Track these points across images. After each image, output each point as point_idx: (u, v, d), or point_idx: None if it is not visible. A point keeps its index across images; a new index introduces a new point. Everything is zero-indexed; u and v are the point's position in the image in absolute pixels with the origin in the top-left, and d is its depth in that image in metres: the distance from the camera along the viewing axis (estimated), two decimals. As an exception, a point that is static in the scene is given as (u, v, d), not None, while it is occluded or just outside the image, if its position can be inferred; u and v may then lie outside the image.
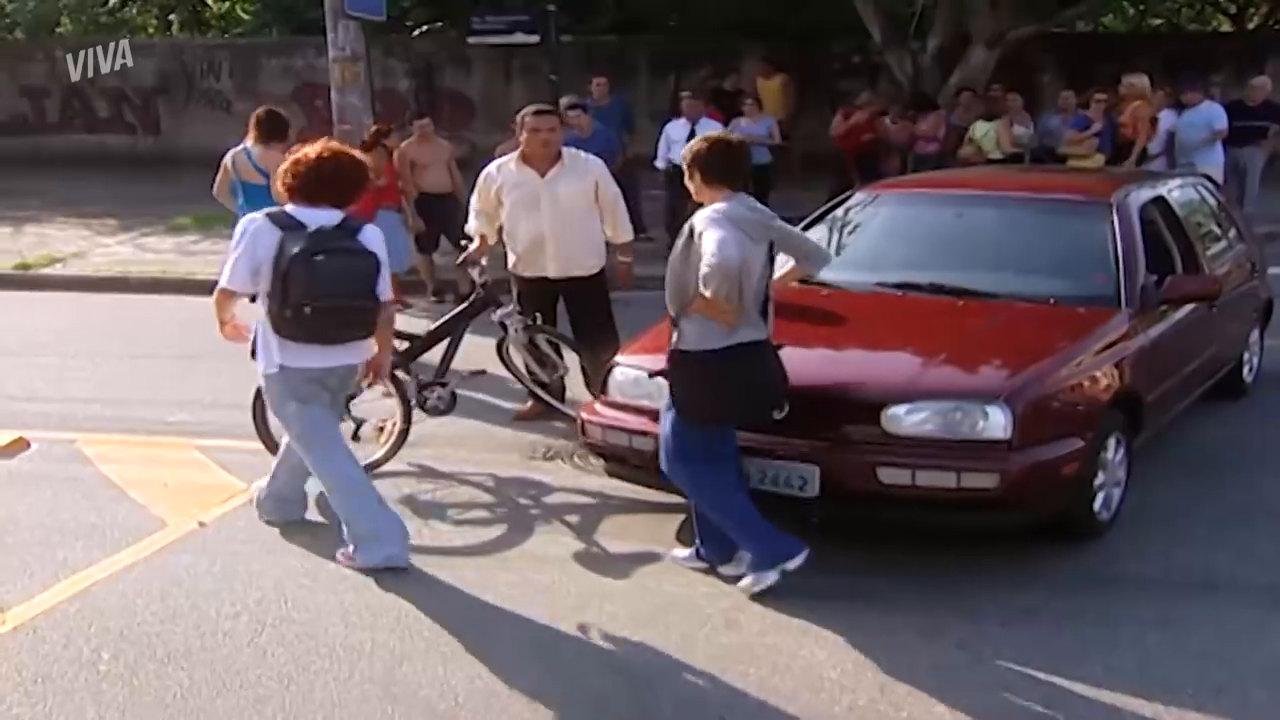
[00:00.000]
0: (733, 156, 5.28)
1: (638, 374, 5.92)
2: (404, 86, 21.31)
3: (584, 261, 7.44)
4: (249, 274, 5.29)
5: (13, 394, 8.27)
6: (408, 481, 6.58)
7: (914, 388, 5.42)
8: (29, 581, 5.37)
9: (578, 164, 7.38)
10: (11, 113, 21.85)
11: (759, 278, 5.11)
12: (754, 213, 5.18)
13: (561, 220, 7.29)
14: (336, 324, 5.33)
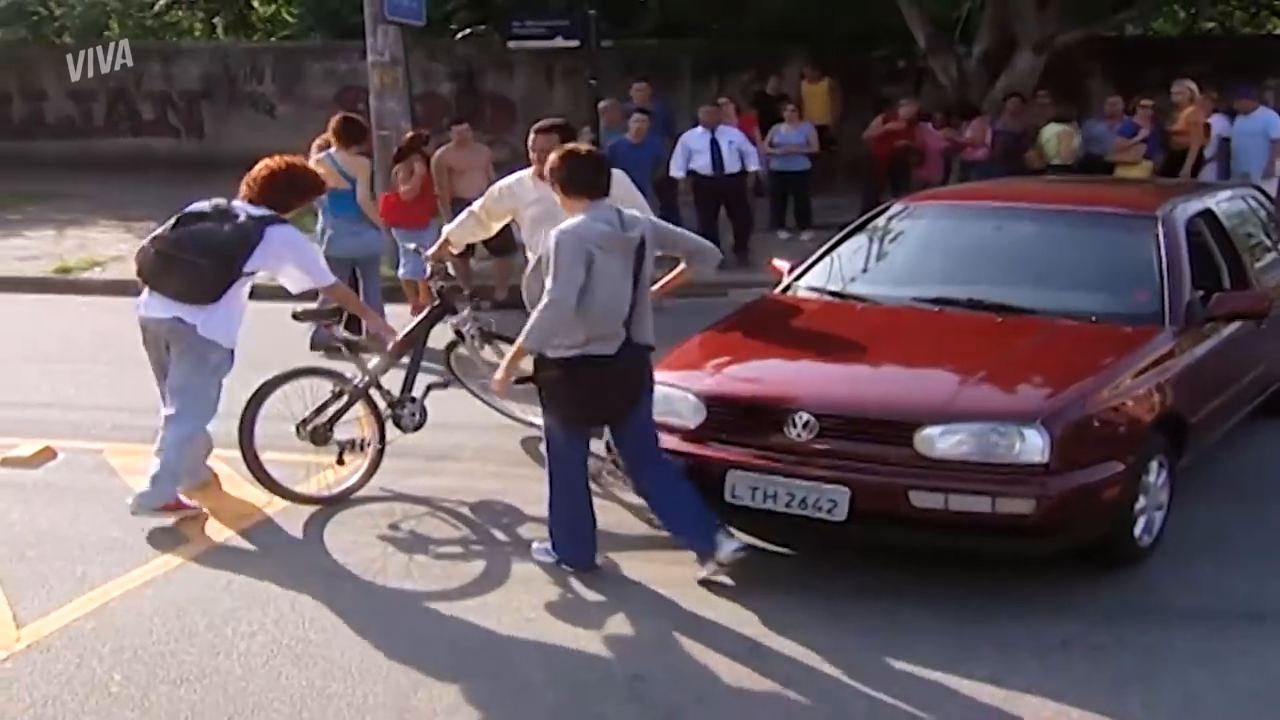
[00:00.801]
0: (587, 168, 5.44)
1: (668, 391, 5.79)
2: (445, 90, 21.27)
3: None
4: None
5: (45, 401, 8.25)
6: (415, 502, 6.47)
7: (948, 408, 5.26)
8: (47, 597, 5.31)
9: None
10: (59, 115, 21.98)
11: (614, 291, 5.26)
12: (611, 225, 5.30)
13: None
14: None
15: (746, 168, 13.28)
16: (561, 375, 5.35)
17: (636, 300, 5.36)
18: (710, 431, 5.60)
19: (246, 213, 6.15)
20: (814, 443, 5.33)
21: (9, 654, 4.83)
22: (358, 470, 6.46)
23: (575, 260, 5.18)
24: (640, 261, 5.38)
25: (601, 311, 5.26)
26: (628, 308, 5.32)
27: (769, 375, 5.86)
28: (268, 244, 6.09)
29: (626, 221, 5.38)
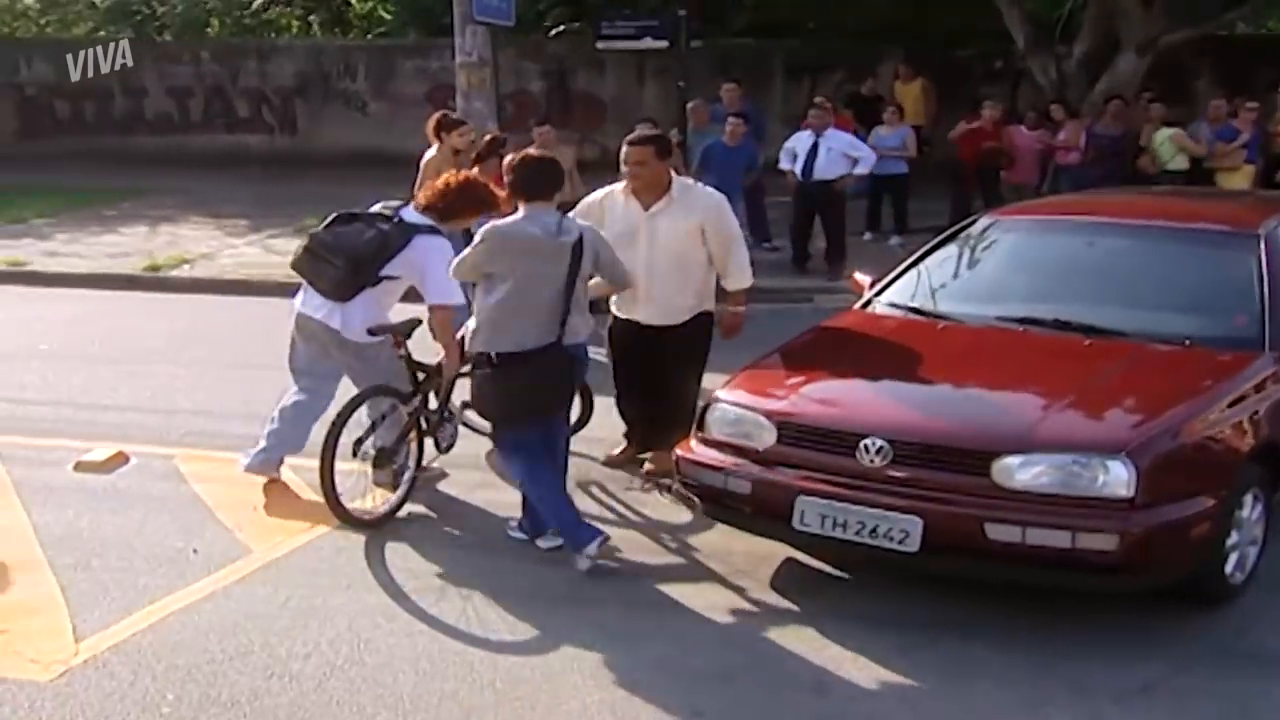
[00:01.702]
0: (536, 173, 5.76)
1: (739, 412, 5.63)
2: (536, 88, 21.24)
3: (680, 308, 6.63)
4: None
5: (121, 404, 8.28)
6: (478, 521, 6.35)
7: (1028, 438, 5.03)
8: (107, 609, 5.28)
9: (689, 198, 6.58)
10: (158, 112, 22.31)
11: (542, 292, 5.57)
12: (543, 230, 5.59)
13: (658, 260, 6.50)
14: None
15: (853, 172, 12.89)
16: (490, 373, 5.66)
17: (571, 301, 5.63)
18: (780, 455, 5.42)
19: (402, 219, 6.35)
20: (887, 470, 5.14)
21: (66, 668, 4.79)
22: (402, 492, 6.33)
23: (482, 256, 5.65)
24: (576, 264, 5.64)
25: (530, 311, 5.57)
26: (560, 309, 5.60)
27: (842, 398, 5.66)
28: (411, 251, 6.23)
29: (564, 226, 5.67)
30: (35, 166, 20.20)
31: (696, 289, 6.65)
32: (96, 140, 21.88)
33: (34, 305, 11.87)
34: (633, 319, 6.73)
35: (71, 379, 8.93)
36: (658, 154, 6.47)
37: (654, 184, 6.50)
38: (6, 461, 7.04)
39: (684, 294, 6.63)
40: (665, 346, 6.68)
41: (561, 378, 5.75)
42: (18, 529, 6.12)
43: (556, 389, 5.78)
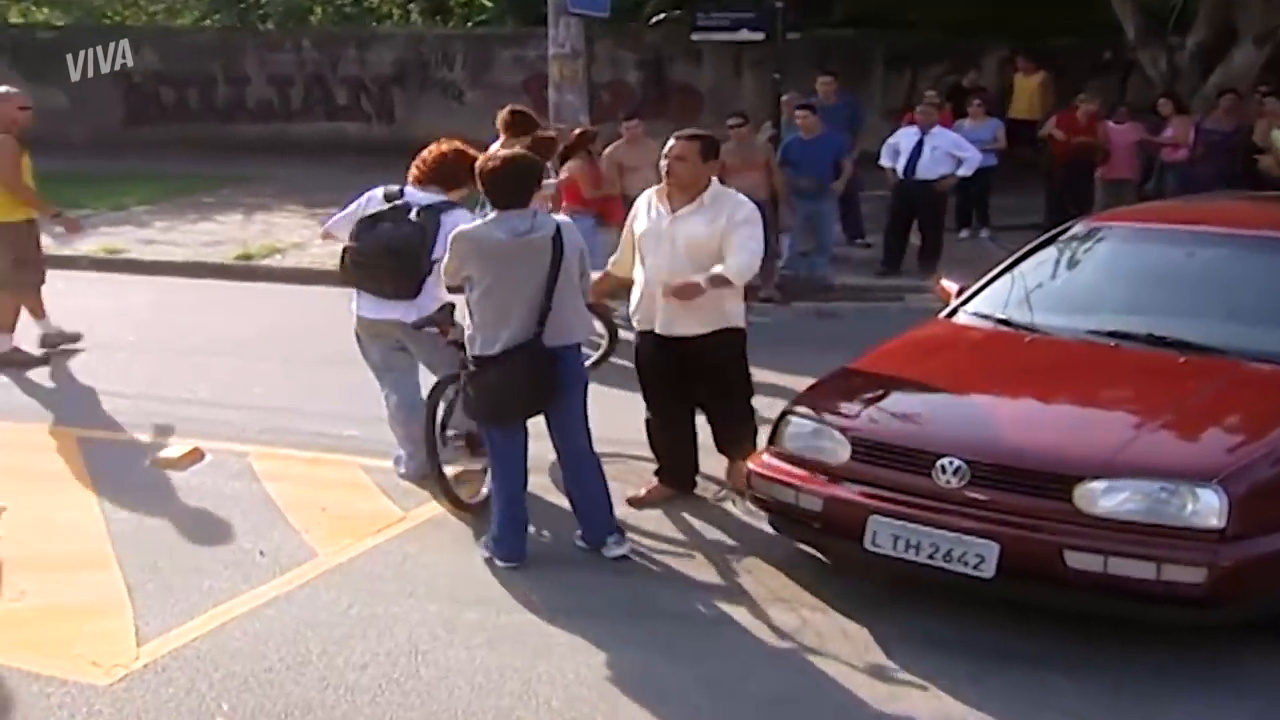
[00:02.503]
0: (502, 179, 5.60)
1: (813, 425, 5.47)
2: (632, 78, 21.13)
3: (694, 318, 6.14)
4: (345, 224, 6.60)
5: (202, 397, 8.32)
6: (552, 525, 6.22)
7: (1114, 462, 4.81)
8: (170, 612, 5.27)
9: (718, 205, 6.08)
10: (259, 99, 22.57)
11: (518, 294, 5.49)
12: (511, 234, 5.51)
13: (678, 267, 6.05)
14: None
15: (957, 172, 12.49)
16: (475, 372, 5.64)
17: (552, 301, 5.52)
18: (854, 472, 5.25)
19: (418, 205, 6.42)
20: (963, 491, 4.95)
21: (125, 673, 4.78)
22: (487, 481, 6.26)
23: (454, 261, 5.63)
24: (556, 264, 5.52)
25: (503, 313, 5.51)
26: (539, 308, 5.50)
27: (919, 414, 5.47)
28: (445, 230, 6.22)
29: (535, 225, 5.54)
30: (140, 153, 20.56)
31: (717, 302, 6.12)
32: (199, 127, 22.21)
33: (127, 294, 12.02)
34: (652, 330, 6.31)
35: (156, 370, 9.00)
36: (701, 153, 6.08)
37: (689, 184, 6.08)
38: (87, 455, 7.11)
39: (702, 304, 6.07)
40: (690, 363, 6.27)
41: (538, 378, 5.57)
42: (91, 526, 6.15)
43: (533, 389, 5.58)
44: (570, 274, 5.61)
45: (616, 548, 5.79)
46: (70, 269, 13.21)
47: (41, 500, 6.49)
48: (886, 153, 12.64)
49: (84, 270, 13.15)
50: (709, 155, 6.14)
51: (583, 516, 5.88)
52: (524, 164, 5.69)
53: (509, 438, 5.73)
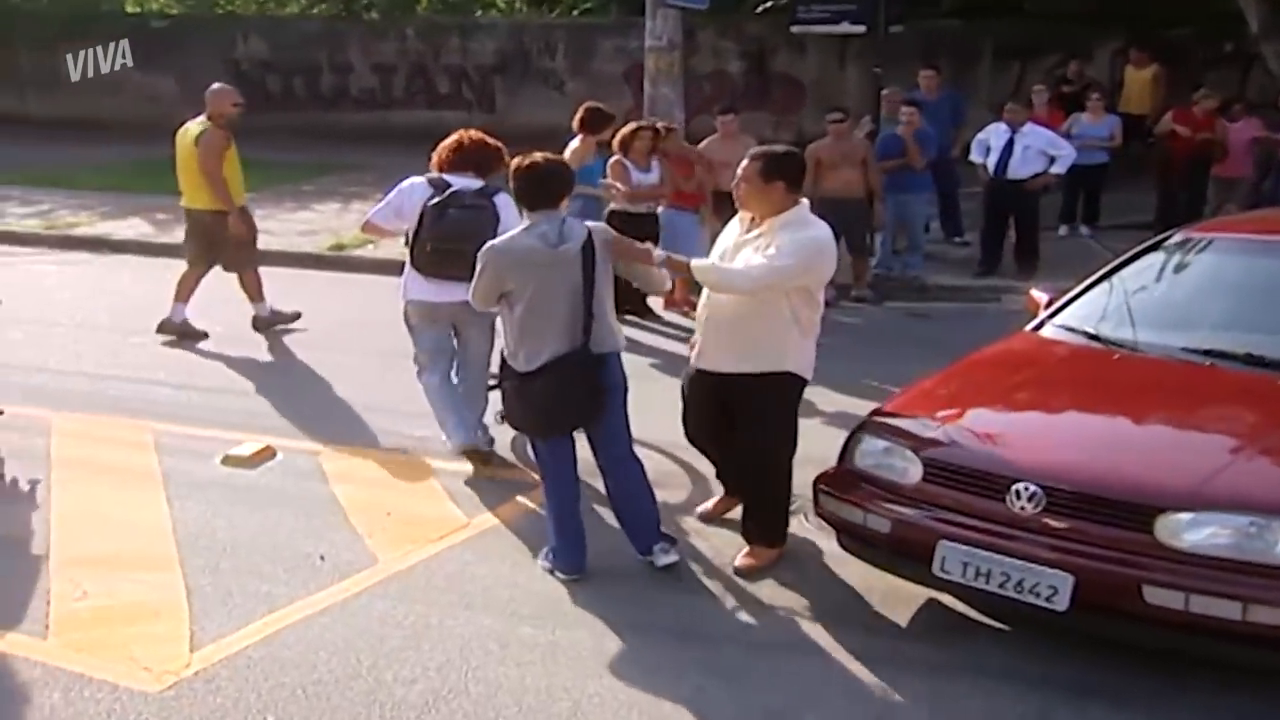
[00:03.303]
0: (533, 182, 5.50)
1: (884, 443, 5.26)
2: (734, 69, 20.90)
3: (743, 354, 5.56)
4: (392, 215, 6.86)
5: (281, 392, 8.31)
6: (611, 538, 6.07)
7: (1200, 493, 4.55)
8: (227, 616, 5.24)
9: (786, 231, 5.47)
10: (362, 88, 22.73)
11: (557, 303, 5.36)
12: (542, 241, 5.40)
13: (731, 299, 5.56)
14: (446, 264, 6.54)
15: (1050, 171, 12.09)
16: (517, 385, 5.51)
17: (593, 308, 5.40)
18: (925, 494, 5.04)
19: (471, 190, 6.73)
20: (1038, 518, 4.73)
21: (176, 680, 4.75)
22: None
23: (492, 279, 5.50)
24: (590, 269, 5.40)
25: (546, 323, 5.39)
26: (581, 317, 5.37)
27: (995, 435, 5.21)
28: (501, 212, 6.62)
29: (565, 233, 5.42)
30: (246, 141, 20.47)
31: (767, 338, 5.53)
32: (304, 115, 22.41)
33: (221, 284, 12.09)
34: (699, 368, 5.81)
35: (238, 364, 9.04)
36: (763, 173, 5.48)
37: (751, 206, 5.59)
38: (162, 451, 7.13)
39: (749, 339, 5.54)
40: (734, 400, 5.66)
41: (585, 387, 5.45)
42: (158, 525, 6.15)
43: (583, 399, 5.46)
44: (605, 281, 5.51)
45: (664, 556, 5.64)
46: (171, 256, 13.42)
47: (111, 496, 6.52)
48: (976, 148, 12.32)
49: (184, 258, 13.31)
50: (770, 175, 5.48)
51: (629, 526, 5.75)
52: (553, 168, 5.58)
53: (557, 448, 5.64)
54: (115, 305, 10.93)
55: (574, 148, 10.24)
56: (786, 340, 5.56)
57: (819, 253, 5.55)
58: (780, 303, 5.49)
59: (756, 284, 5.45)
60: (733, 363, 5.60)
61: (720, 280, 5.60)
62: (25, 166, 18.55)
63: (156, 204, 15.75)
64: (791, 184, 5.56)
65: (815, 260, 5.54)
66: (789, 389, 5.63)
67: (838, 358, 9.07)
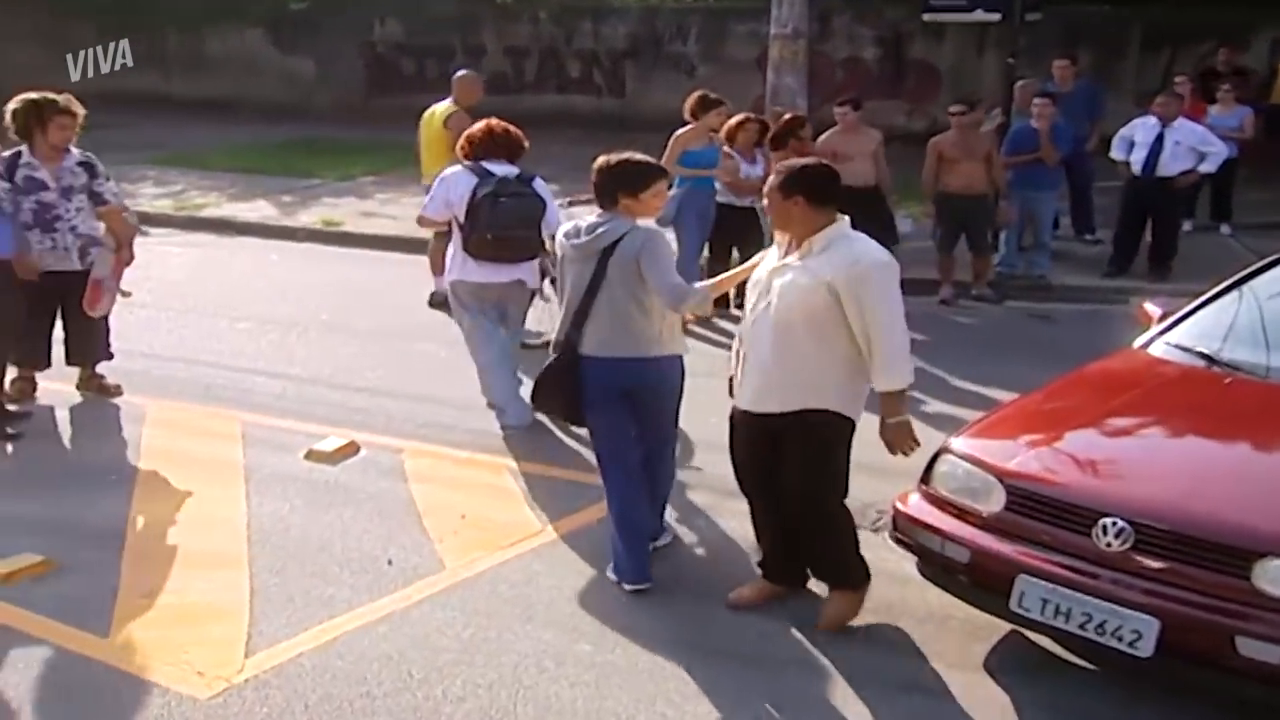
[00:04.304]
0: (603, 176, 5.46)
1: (967, 467, 4.96)
2: (869, 55, 20.43)
3: (778, 394, 5.02)
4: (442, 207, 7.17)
5: (374, 385, 8.24)
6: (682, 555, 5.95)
7: (1303, 538, 4.18)
8: (286, 621, 5.18)
9: (829, 253, 4.87)
10: (494, 72, 22.70)
11: (571, 295, 5.43)
12: (577, 232, 5.44)
13: (762, 326, 5.03)
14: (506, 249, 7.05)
15: (1199, 168, 11.39)
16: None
17: (590, 309, 5.36)
18: (1006, 523, 4.75)
19: (512, 175, 7.13)
20: (1125, 556, 4.41)
21: (226, 686, 4.71)
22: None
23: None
24: (602, 269, 5.33)
25: (565, 313, 5.49)
26: (577, 314, 5.39)
27: (1086, 463, 4.88)
28: (543, 194, 7.21)
29: (599, 228, 5.37)
30: (380, 123, 20.95)
31: (806, 375, 4.95)
32: (435, 98, 22.34)
33: (334, 267, 12.22)
34: (741, 408, 5.24)
35: (338, 353, 9.04)
36: (780, 188, 4.94)
37: (780, 224, 5.09)
38: (248, 443, 7.15)
39: (785, 377, 4.98)
40: (776, 440, 5.10)
41: (561, 385, 5.49)
42: (234, 521, 6.14)
43: (558, 394, 5.54)
44: (618, 285, 5.32)
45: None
46: (289, 240, 13.61)
47: (192, 490, 6.54)
48: (1119, 145, 11.62)
49: (300, 242, 13.49)
50: (789, 190, 4.90)
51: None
52: (627, 168, 5.44)
53: (610, 445, 5.55)
54: (226, 289, 11.03)
55: (679, 133, 10.08)
56: (851, 375, 5.00)
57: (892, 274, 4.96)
58: (830, 336, 4.93)
59: (900, 363, 4.91)
60: (777, 401, 5.04)
61: (894, 378, 4.94)
62: (165, 146, 19.01)
63: (284, 186, 16.06)
64: (813, 199, 4.92)
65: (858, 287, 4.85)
66: (834, 429, 5.05)
67: (946, 359, 8.83)
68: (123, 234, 7.76)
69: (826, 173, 5.09)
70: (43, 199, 7.40)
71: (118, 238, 7.73)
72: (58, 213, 7.44)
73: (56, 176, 7.43)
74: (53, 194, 7.42)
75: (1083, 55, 16.18)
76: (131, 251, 7.83)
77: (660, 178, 5.54)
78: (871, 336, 4.85)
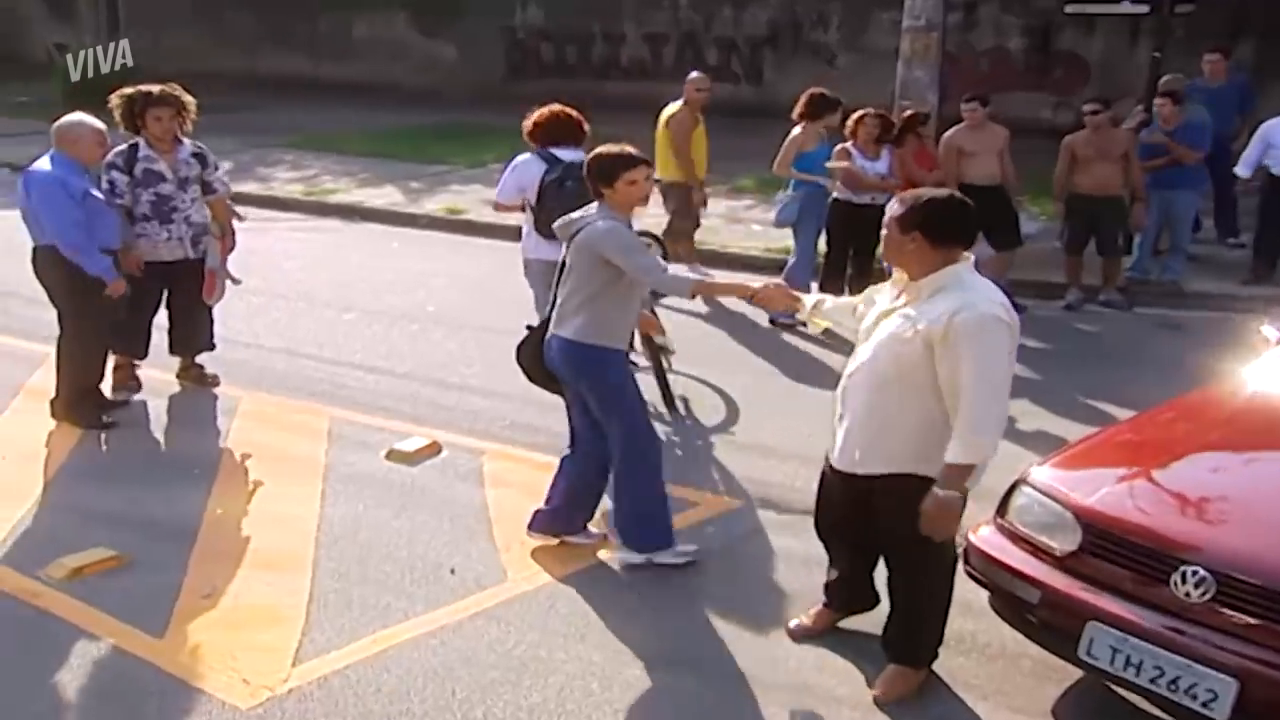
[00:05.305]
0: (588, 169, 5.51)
1: (1044, 502, 4.66)
2: (1015, 45, 19.80)
3: (867, 453, 4.58)
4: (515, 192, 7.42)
5: (467, 383, 8.19)
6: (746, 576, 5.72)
7: (1399, 595, 3.83)
8: (339, 629, 5.14)
9: (942, 298, 4.36)
10: (632, 58, 22.68)
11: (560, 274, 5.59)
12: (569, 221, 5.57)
13: (859, 375, 4.59)
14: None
15: None
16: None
17: (563, 294, 5.52)
18: (1081, 565, 4.46)
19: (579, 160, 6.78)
20: (1205, 609, 4.09)
21: (269, 696, 4.67)
22: None
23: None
24: (568, 254, 5.53)
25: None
26: (553, 297, 5.60)
27: (1171, 503, 4.55)
28: None
29: (581, 222, 5.48)
30: (517, 109, 20.95)
31: (902, 434, 4.48)
32: (574, 84, 22.44)
33: (452, 258, 12.24)
34: (833, 466, 4.79)
35: (438, 348, 9.03)
36: (899, 221, 4.43)
37: (893, 258, 4.58)
38: (333, 440, 7.16)
39: (875, 436, 4.54)
40: (864, 501, 4.70)
41: (523, 348, 5.88)
42: (305, 522, 6.13)
43: (520, 357, 5.90)
44: (575, 269, 5.46)
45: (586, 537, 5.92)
46: (410, 227, 13.70)
47: (270, 487, 6.57)
48: (1255, 147, 10.94)
49: (422, 229, 13.56)
50: (907, 225, 4.41)
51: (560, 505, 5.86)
52: (600, 162, 5.47)
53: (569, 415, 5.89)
54: (340, 278, 11.11)
55: (794, 135, 9.94)
56: (930, 439, 4.43)
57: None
58: (921, 393, 4.42)
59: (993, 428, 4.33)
60: (863, 462, 4.61)
61: (982, 449, 4.32)
62: (304, 129, 19.33)
63: (414, 172, 16.19)
64: (935, 238, 4.41)
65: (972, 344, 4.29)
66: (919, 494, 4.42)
67: (1062, 369, 8.46)
68: (228, 222, 7.88)
69: (955, 207, 4.48)
70: (161, 191, 7.49)
71: (223, 226, 7.84)
72: (175, 204, 7.53)
73: (174, 168, 7.53)
74: (170, 185, 7.52)
75: (1244, 48, 15.42)
76: (234, 238, 7.93)
77: (628, 168, 5.43)
78: (961, 397, 4.26)
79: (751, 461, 6.90)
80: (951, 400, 4.32)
